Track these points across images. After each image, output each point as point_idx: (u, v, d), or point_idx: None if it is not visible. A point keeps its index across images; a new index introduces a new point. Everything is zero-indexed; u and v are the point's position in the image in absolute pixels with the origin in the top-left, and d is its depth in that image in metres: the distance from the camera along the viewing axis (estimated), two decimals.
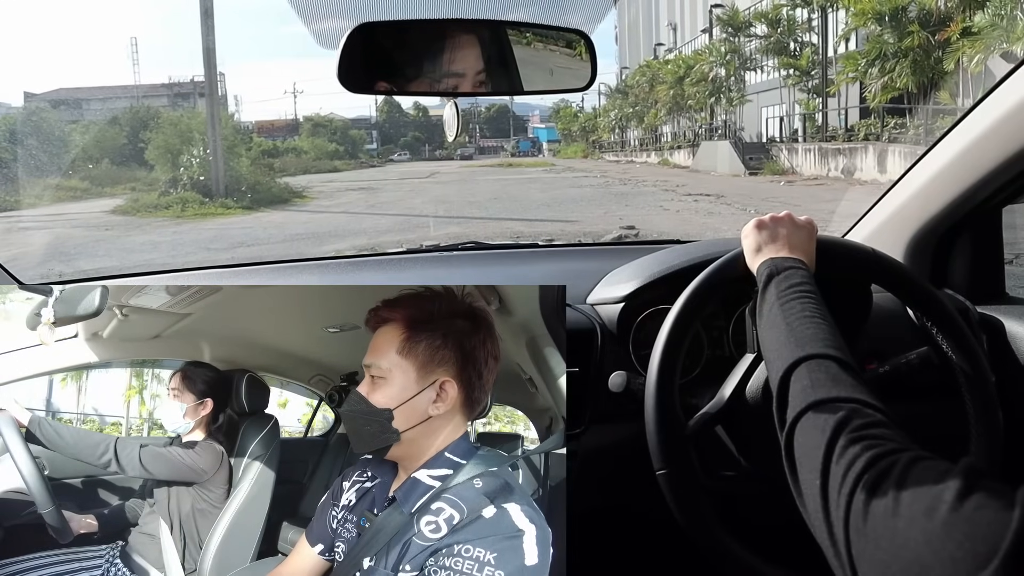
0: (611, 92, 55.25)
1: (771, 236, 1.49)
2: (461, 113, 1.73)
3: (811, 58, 29.47)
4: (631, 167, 40.33)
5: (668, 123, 44.07)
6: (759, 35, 32.39)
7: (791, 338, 1.22)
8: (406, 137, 69.52)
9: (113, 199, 24.72)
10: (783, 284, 1.36)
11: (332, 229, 17.40)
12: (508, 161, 54.46)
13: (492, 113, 79.83)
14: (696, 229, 14.66)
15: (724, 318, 1.82)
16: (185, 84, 48.23)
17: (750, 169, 28.78)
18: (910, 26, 22.46)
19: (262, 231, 17.81)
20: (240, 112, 60.96)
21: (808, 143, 28.32)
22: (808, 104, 30.17)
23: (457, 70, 1.58)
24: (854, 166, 23.51)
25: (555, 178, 33.28)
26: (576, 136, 65.80)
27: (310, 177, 35.09)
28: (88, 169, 29.35)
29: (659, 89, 41.69)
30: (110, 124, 34.86)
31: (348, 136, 60.24)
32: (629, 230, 13.75)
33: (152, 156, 27.35)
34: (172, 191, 24.02)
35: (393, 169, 47.93)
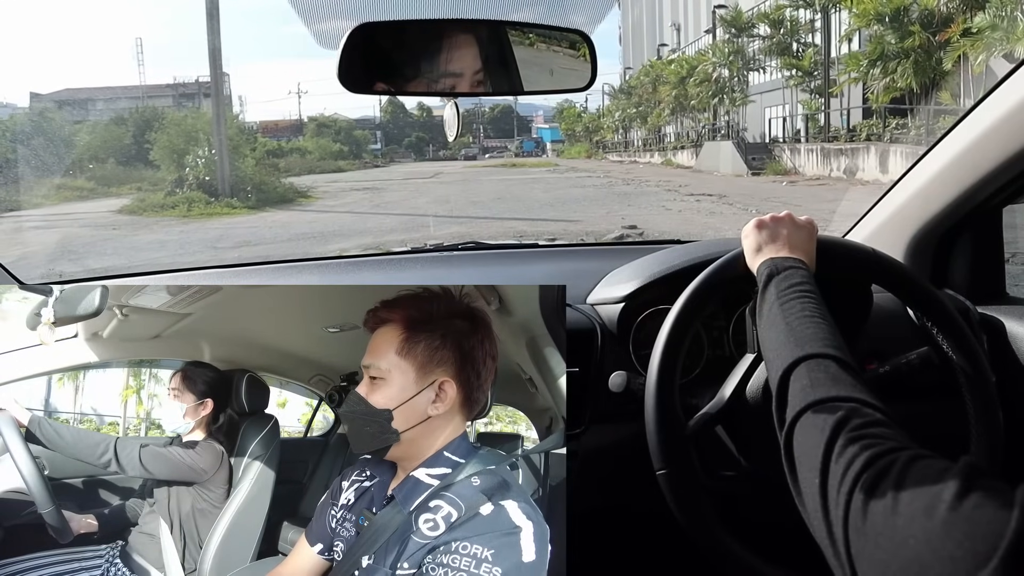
0: (615, 92, 55.28)
1: (771, 236, 1.48)
2: (462, 114, 1.73)
3: (813, 59, 29.46)
4: (634, 167, 40.36)
5: (671, 123, 44.07)
6: (762, 36, 32.38)
7: (791, 337, 1.21)
8: (410, 137, 69.53)
9: (119, 199, 24.85)
10: (783, 284, 1.35)
11: (337, 229, 17.49)
12: (512, 161, 54.49)
13: (496, 113, 79.93)
14: (698, 229, 14.75)
15: (724, 318, 1.81)
16: (190, 84, 48.41)
17: (753, 169, 28.79)
18: (911, 27, 22.45)
19: (267, 230, 17.93)
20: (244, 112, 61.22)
21: (811, 143, 28.33)
22: (810, 104, 30.17)
23: (457, 70, 1.57)
24: (856, 166, 23.53)
25: (559, 178, 33.36)
26: (580, 136, 65.82)
27: (314, 177, 35.19)
28: (93, 169, 29.44)
29: (662, 90, 41.69)
30: (115, 124, 34.96)
31: (352, 136, 60.35)
32: (631, 229, 14.00)
33: (158, 156, 27.47)
34: (178, 191, 24.15)
35: (397, 169, 48.01)
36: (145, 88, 50.40)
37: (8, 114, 35.57)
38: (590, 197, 22.79)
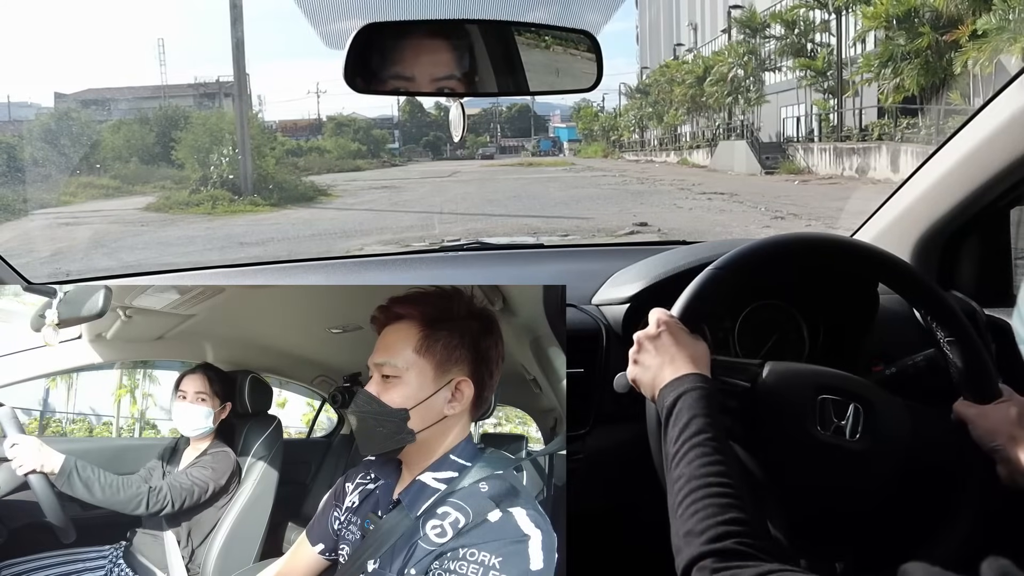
0: (631, 92, 55.24)
1: (660, 355, 1.37)
2: (478, 113, 1.71)
3: (826, 59, 29.41)
4: (650, 167, 40.37)
5: (687, 123, 44.01)
6: (776, 36, 32.33)
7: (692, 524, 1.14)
8: (428, 137, 69.56)
9: (144, 197, 25.10)
10: (675, 430, 1.25)
11: (357, 225, 17.69)
12: (528, 161, 54.54)
13: (513, 113, 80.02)
14: (706, 226, 14.69)
15: (730, 319, 1.79)
16: (211, 84, 48.62)
17: (766, 168, 28.77)
18: (921, 28, 22.39)
19: (291, 227, 18.17)
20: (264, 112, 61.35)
21: (824, 143, 28.31)
22: (824, 105, 30.11)
23: (463, 70, 1.57)
24: (868, 165, 23.51)
25: (575, 177, 33.46)
26: (597, 136, 65.81)
27: (334, 176, 35.46)
28: (118, 168, 29.67)
29: (677, 89, 41.64)
30: (138, 123, 35.19)
31: (371, 136, 60.45)
32: (642, 226, 14.25)
33: (182, 155, 27.73)
34: (202, 189, 24.36)
35: (415, 168, 48.18)
36: (166, 88, 50.57)
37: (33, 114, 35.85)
38: (604, 195, 22.89)
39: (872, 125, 25.49)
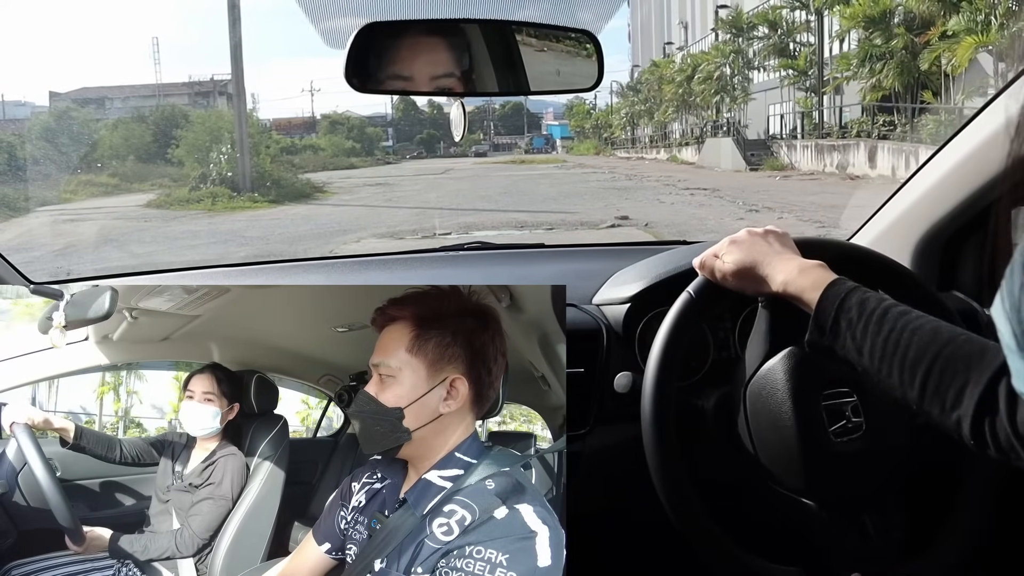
0: (623, 90, 55.35)
1: (771, 245, 1.36)
2: (472, 111, 1.69)
3: (808, 58, 29.61)
4: (640, 164, 40.58)
5: (677, 120, 44.16)
6: (759, 36, 32.53)
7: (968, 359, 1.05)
8: (421, 134, 69.52)
9: (143, 194, 25.24)
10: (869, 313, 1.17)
11: (354, 221, 17.97)
12: (521, 158, 54.71)
13: (507, 110, 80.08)
14: (684, 219, 15.23)
15: (731, 319, 1.76)
16: (205, 83, 48.54)
17: (751, 165, 28.99)
18: (896, 29, 22.64)
19: (290, 222, 18.48)
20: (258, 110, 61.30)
21: (806, 140, 28.58)
22: (806, 103, 30.33)
23: (464, 70, 1.55)
24: (847, 161, 23.84)
25: (565, 174, 33.85)
26: (589, 133, 65.95)
27: (329, 173, 35.68)
28: (116, 166, 29.70)
29: (666, 88, 41.79)
30: (135, 122, 35.20)
31: (365, 134, 60.56)
32: (623, 219, 14.98)
33: (181, 153, 27.88)
34: (202, 186, 24.56)
35: (408, 166, 48.36)
36: (162, 87, 50.38)
37: (28, 113, 35.80)
38: (592, 191, 23.33)
39: (852, 123, 25.73)
